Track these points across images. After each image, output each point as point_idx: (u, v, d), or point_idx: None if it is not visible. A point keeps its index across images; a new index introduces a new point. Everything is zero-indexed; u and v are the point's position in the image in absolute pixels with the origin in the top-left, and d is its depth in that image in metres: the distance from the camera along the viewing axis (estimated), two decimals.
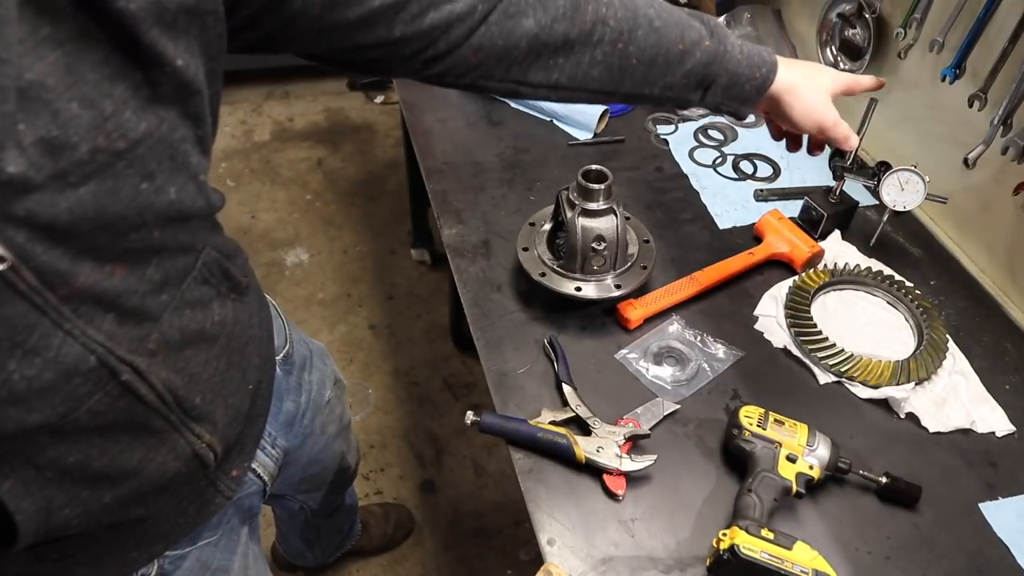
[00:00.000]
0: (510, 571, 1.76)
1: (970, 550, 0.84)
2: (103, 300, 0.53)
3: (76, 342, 0.52)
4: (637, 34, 0.75)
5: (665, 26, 0.76)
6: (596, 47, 0.74)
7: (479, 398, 2.04)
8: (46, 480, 0.56)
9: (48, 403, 0.52)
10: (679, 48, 0.76)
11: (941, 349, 1.01)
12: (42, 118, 0.45)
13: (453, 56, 0.71)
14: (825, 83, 0.87)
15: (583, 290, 1.01)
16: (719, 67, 0.79)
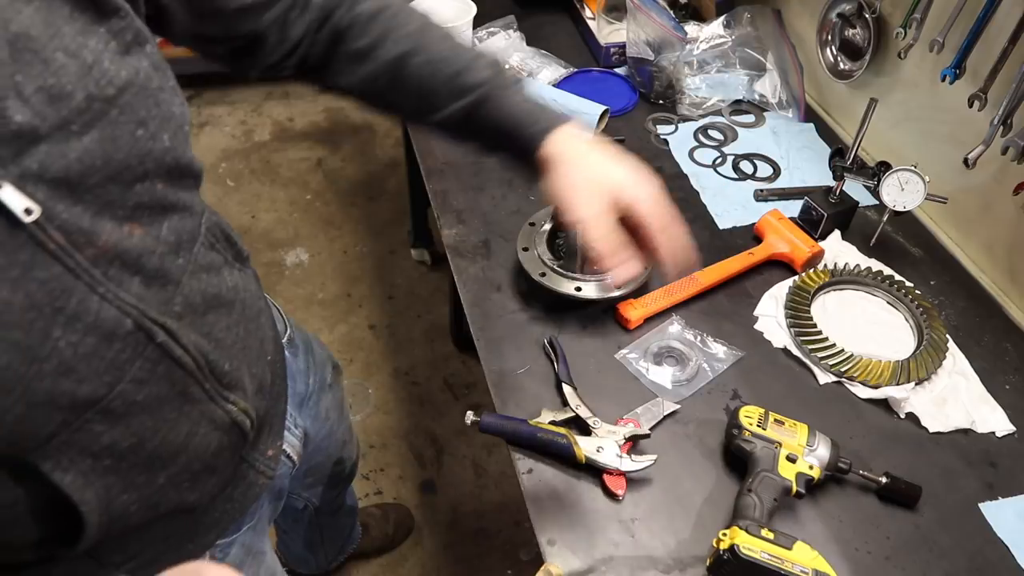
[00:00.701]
0: (510, 571, 1.76)
1: (970, 550, 0.84)
2: (127, 261, 0.55)
3: (111, 306, 0.53)
4: (415, 60, 0.75)
5: (445, 59, 0.75)
6: (381, 57, 0.75)
7: (479, 398, 2.04)
8: (104, 468, 0.58)
9: (94, 371, 0.53)
10: (453, 83, 0.75)
11: (941, 349, 1.01)
12: (35, 68, 0.47)
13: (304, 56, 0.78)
14: (608, 176, 0.73)
15: (583, 290, 1.01)
16: (487, 112, 0.75)
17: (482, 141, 0.79)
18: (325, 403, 1.11)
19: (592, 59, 1.59)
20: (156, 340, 0.57)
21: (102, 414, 0.55)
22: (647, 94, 1.48)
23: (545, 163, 0.75)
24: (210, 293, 0.64)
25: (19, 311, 0.48)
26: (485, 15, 1.55)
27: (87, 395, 0.54)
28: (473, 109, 0.75)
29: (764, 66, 1.48)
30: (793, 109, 1.45)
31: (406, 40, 0.75)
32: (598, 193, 0.72)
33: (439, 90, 0.75)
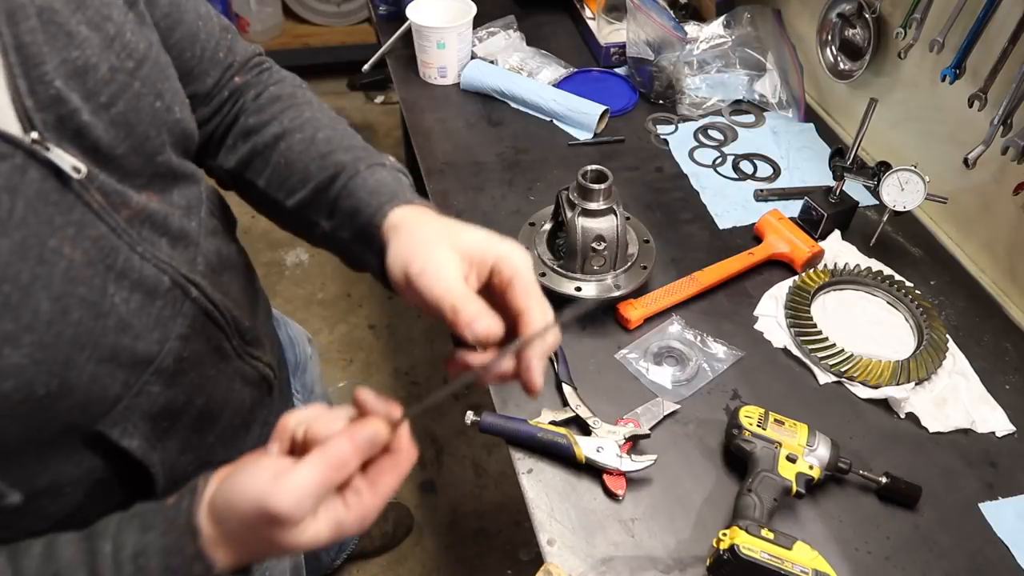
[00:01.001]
0: (510, 571, 1.76)
1: (970, 550, 0.84)
2: (156, 223, 0.58)
3: (150, 264, 0.57)
4: (295, 136, 0.69)
5: (324, 139, 0.68)
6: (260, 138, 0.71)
7: (479, 398, 2.04)
8: (163, 431, 0.61)
9: (146, 328, 0.56)
10: (321, 160, 0.67)
11: (941, 349, 1.01)
12: (61, 40, 0.50)
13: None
14: (462, 237, 0.56)
15: (583, 290, 1.01)
16: (343, 185, 0.64)
17: (328, 225, 0.66)
18: (309, 375, 1.14)
19: (592, 59, 1.59)
20: (191, 296, 0.61)
21: (157, 374, 0.58)
22: (647, 94, 1.48)
23: (389, 231, 0.60)
24: (223, 254, 0.68)
25: (81, 267, 0.51)
26: (485, 15, 1.55)
27: (144, 352, 0.57)
28: (328, 184, 0.65)
29: (764, 66, 1.48)
30: (793, 109, 1.45)
31: (293, 120, 0.71)
32: (450, 246, 0.55)
33: (302, 167, 0.67)
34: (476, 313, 0.52)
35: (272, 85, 0.75)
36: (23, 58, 0.48)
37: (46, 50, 0.49)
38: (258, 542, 0.48)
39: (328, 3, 2.95)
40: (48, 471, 0.57)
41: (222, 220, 0.71)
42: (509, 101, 1.45)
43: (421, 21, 1.42)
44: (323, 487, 0.46)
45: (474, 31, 1.52)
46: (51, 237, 0.49)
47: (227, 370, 0.68)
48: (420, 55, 1.47)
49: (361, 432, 0.48)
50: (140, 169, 0.56)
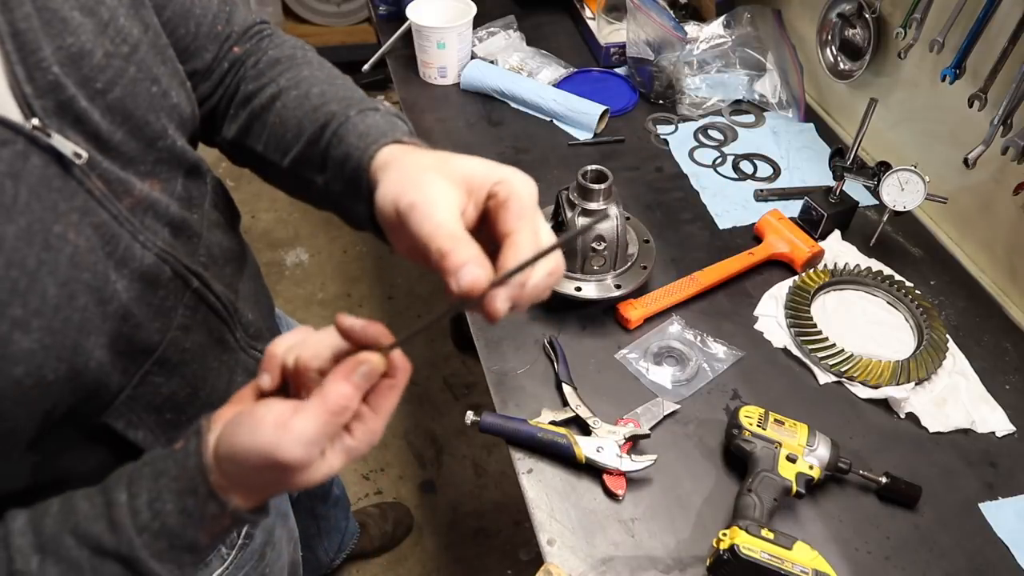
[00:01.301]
0: (510, 571, 1.76)
1: (970, 550, 0.84)
2: (158, 212, 0.58)
3: (151, 252, 0.56)
4: (289, 95, 0.66)
5: (319, 93, 0.65)
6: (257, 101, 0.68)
7: (479, 398, 2.04)
8: (165, 422, 0.61)
9: (147, 317, 0.57)
10: (315, 112, 0.63)
11: (941, 349, 1.01)
12: (55, 26, 0.50)
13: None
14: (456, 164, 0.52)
15: (583, 290, 1.01)
16: (333, 133, 0.60)
17: (321, 179, 0.62)
18: None
19: (592, 59, 1.59)
20: (192, 286, 0.61)
21: (159, 364, 0.59)
22: (647, 94, 1.48)
23: (378, 171, 0.56)
24: (226, 246, 0.68)
25: (84, 253, 0.51)
26: (485, 15, 1.55)
27: (144, 342, 0.57)
28: (318, 134, 0.62)
29: (764, 66, 1.48)
30: (793, 109, 1.45)
31: (291, 79, 0.68)
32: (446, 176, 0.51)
33: (296, 124, 0.64)
34: (466, 259, 0.45)
35: (272, 49, 0.72)
36: (19, 44, 0.48)
37: (42, 36, 0.49)
38: (272, 484, 0.50)
39: (328, 3, 2.95)
40: (58, 464, 0.57)
41: (225, 213, 0.71)
42: (509, 101, 1.45)
43: (421, 21, 1.42)
44: (328, 432, 0.47)
45: (474, 31, 1.52)
46: (55, 223, 0.49)
47: (230, 362, 0.68)
48: (420, 55, 1.47)
49: (358, 371, 0.48)
50: (141, 156, 0.56)
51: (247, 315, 0.69)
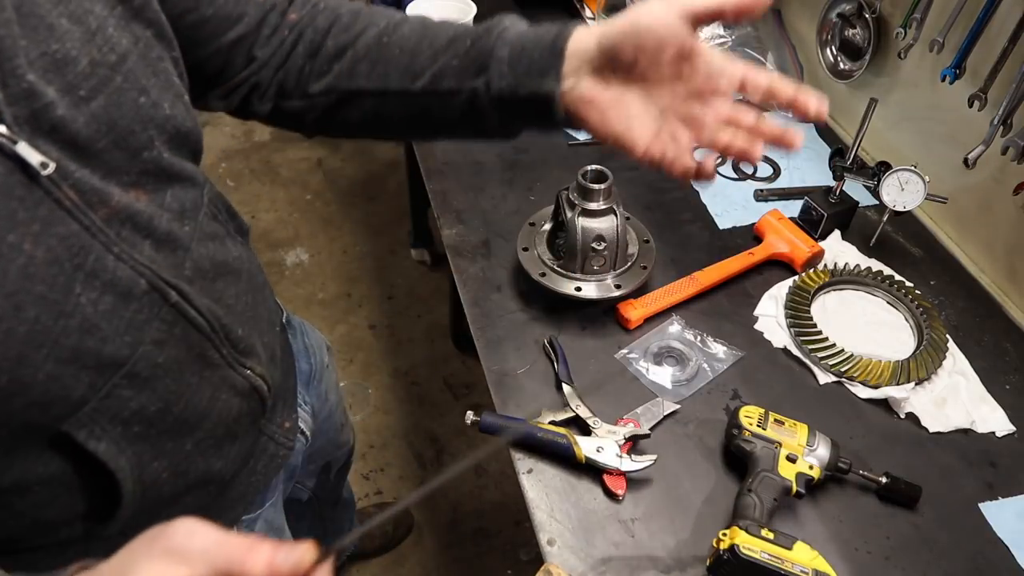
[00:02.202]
0: (510, 571, 1.76)
1: (970, 550, 0.84)
2: (138, 224, 0.57)
3: (126, 265, 0.55)
4: (402, 29, 0.70)
5: (435, 25, 0.70)
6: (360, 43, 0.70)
7: (479, 398, 2.04)
8: (135, 435, 0.60)
9: (116, 331, 0.55)
10: (447, 36, 0.68)
11: (941, 349, 1.01)
12: (41, 33, 0.49)
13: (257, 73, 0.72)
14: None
15: (583, 290, 1.01)
16: (493, 40, 0.66)
17: (481, 82, 0.66)
18: (325, 384, 1.12)
19: None
20: (170, 301, 0.59)
21: (128, 378, 0.57)
22: None
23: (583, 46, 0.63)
24: (218, 260, 0.66)
25: (42, 265, 0.50)
26: (485, 15, 1.54)
27: (112, 356, 0.55)
28: (471, 46, 0.66)
29: (764, 66, 1.48)
30: None
31: (388, 20, 0.71)
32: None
33: (427, 47, 0.68)
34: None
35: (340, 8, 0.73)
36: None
37: (22, 43, 0.48)
38: None
39: None
40: (13, 469, 0.56)
41: (225, 225, 0.70)
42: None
43: None
44: None
45: None
46: (10, 232, 0.48)
47: (212, 378, 0.66)
48: None
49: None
50: (125, 166, 0.55)
51: (237, 331, 0.67)
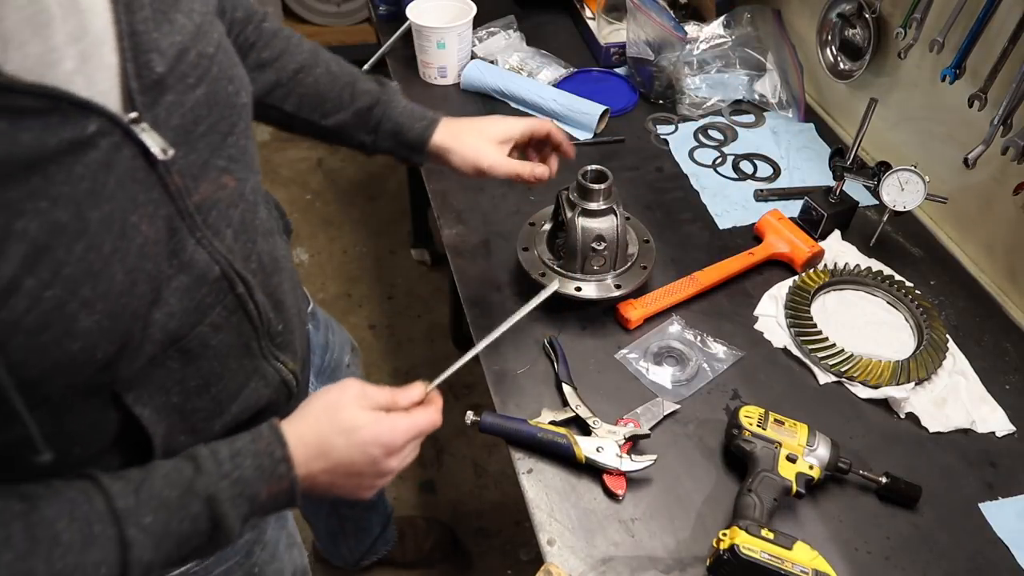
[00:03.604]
0: (510, 571, 1.76)
1: (970, 550, 0.84)
2: (223, 212, 0.61)
3: (204, 251, 0.60)
4: (315, 71, 0.88)
5: (342, 72, 0.90)
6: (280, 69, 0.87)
7: (479, 398, 2.04)
8: (172, 407, 0.64)
9: (184, 309, 0.59)
10: (350, 90, 0.89)
11: (941, 349, 1.01)
12: (164, 28, 0.55)
13: None
14: (491, 131, 0.93)
15: (583, 290, 1.01)
16: (383, 112, 0.90)
17: (367, 139, 0.92)
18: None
19: (592, 59, 1.59)
20: (236, 291, 0.64)
21: (180, 352, 0.61)
22: (647, 94, 1.48)
23: (437, 151, 0.92)
24: (274, 256, 0.71)
25: (151, 245, 0.55)
26: (485, 15, 1.55)
27: (174, 330, 0.59)
28: (364, 111, 0.89)
29: (764, 66, 1.48)
30: (793, 109, 1.45)
31: (305, 55, 0.89)
32: (490, 141, 0.93)
33: (334, 97, 0.89)
34: (530, 170, 0.93)
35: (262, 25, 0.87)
36: (134, 44, 0.52)
37: (155, 36, 0.54)
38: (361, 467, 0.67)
39: (328, 3, 2.95)
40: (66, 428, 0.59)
41: (277, 221, 0.75)
42: (509, 101, 1.45)
43: (421, 21, 1.42)
44: (412, 438, 0.70)
45: (474, 31, 1.52)
46: (133, 213, 0.53)
47: (248, 368, 0.70)
48: (420, 55, 1.47)
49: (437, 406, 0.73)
50: (218, 151, 0.60)
51: (278, 326, 0.71)
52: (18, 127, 0.45)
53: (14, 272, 0.46)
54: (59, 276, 0.48)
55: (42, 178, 0.47)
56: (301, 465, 0.64)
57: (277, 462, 0.63)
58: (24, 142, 0.46)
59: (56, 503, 0.55)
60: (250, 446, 0.63)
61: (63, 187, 0.48)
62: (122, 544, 0.55)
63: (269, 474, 0.62)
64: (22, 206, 0.46)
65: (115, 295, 0.52)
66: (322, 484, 0.67)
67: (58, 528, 0.53)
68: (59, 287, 0.49)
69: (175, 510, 0.58)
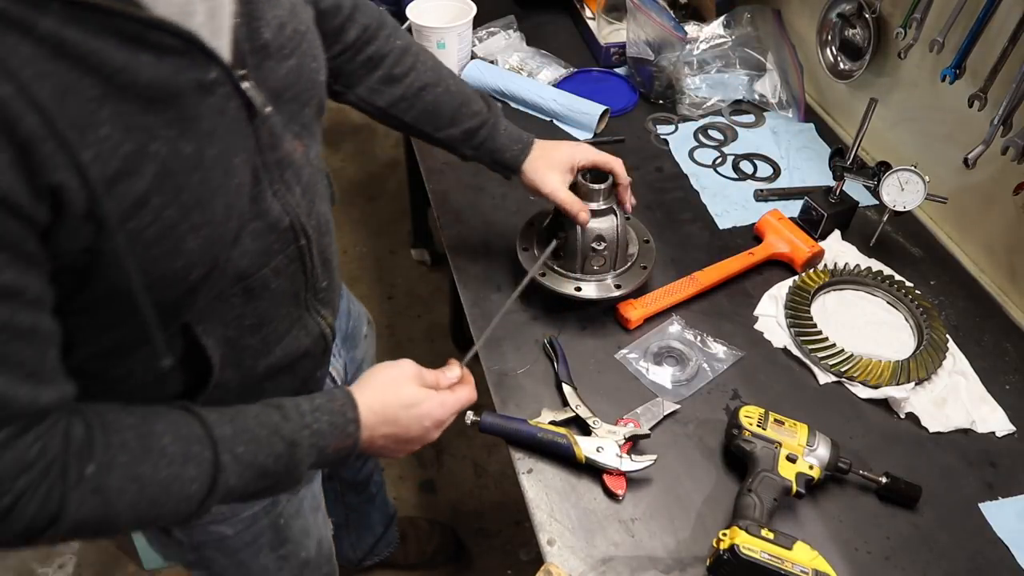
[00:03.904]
0: (510, 571, 1.76)
1: (970, 550, 0.84)
2: (296, 171, 0.69)
3: (279, 202, 0.68)
4: (436, 90, 0.96)
5: (458, 92, 0.98)
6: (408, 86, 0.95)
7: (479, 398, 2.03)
8: (227, 340, 0.71)
9: (255, 251, 0.67)
10: (463, 111, 0.98)
11: (941, 349, 1.01)
12: (271, 2, 0.64)
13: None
14: (559, 158, 0.99)
15: (583, 290, 1.01)
16: (487, 134, 0.99)
17: (469, 152, 1.01)
18: (362, 351, 1.20)
19: (592, 59, 1.59)
20: (299, 242, 0.72)
21: (244, 290, 0.69)
22: (647, 94, 1.48)
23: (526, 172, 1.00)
24: (327, 219, 0.79)
25: (244, 187, 0.63)
26: (485, 15, 1.55)
27: (244, 268, 0.67)
28: (473, 131, 0.99)
29: (764, 66, 1.48)
30: (793, 109, 1.45)
31: (429, 73, 0.96)
32: (555, 168, 0.98)
33: (449, 115, 0.97)
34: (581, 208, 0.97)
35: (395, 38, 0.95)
36: (248, 11, 0.61)
37: (263, 7, 0.62)
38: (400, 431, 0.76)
39: None
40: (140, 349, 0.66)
41: (327, 190, 0.81)
42: (509, 101, 1.45)
43: (421, 21, 1.42)
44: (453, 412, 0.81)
45: (474, 31, 1.52)
46: (235, 156, 0.61)
47: (294, 315, 0.77)
48: None
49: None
50: (296, 118, 0.68)
51: (323, 283, 0.79)
52: (161, 61, 0.53)
53: (146, 188, 0.54)
54: (177, 199, 0.56)
55: (175, 111, 0.55)
56: (366, 428, 0.73)
57: (348, 422, 0.72)
58: (164, 75, 0.53)
59: (162, 421, 0.63)
60: (327, 404, 0.71)
61: (189, 122, 0.56)
62: (216, 466, 0.63)
63: (340, 431, 0.71)
64: (157, 132, 0.54)
65: (214, 224, 0.60)
66: (377, 447, 0.76)
67: (164, 442, 0.61)
68: (175, 208, 0.56)
69: (263, 447, 0.66)
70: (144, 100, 0.52)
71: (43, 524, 0.56)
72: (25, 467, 0.54)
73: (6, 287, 0.50)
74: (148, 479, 0.60)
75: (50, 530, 0.56)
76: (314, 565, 1.06)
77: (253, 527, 0.92)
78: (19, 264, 0.50)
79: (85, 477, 0.57)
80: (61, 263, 0.53)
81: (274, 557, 0.97)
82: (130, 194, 0.53)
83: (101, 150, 0.51)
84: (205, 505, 0.64)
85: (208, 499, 0.63)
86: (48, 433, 0.56)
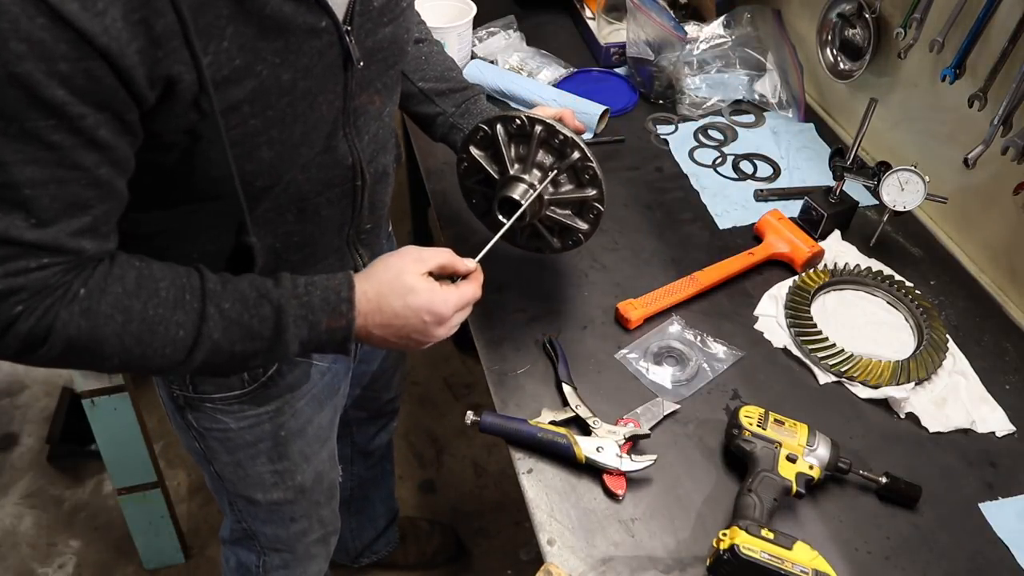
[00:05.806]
0: (510, 571, 1.76)
1: (970, 550, 0.84)
2: (368, 120, 0.79)
3: (346, 144, 0.77)
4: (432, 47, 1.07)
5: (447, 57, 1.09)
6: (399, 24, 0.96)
7: (479, 398, 2.04)
8: (274, 250, 0.80)
9: (317, 179, 0.77)
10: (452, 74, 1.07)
11: (941, 349, 1.01)
12: None
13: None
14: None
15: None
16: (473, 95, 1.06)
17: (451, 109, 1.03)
18: None
19: (592, 59, 1.59)
20: (355, 182, 0.81)
21: (298, 211, 0.78)
22: (647, 94, 1.48)
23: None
24: (387, 171, 0.88)
25: (323, 121, 0.72)
26: (485, 15, 1.55)
27: (304, 191, 0.77)
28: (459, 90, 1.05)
29: (764, 66, 1.48)
30: (793, 109, 1.45)
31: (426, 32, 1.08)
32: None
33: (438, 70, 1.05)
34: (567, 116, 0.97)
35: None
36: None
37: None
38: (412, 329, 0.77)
39: None
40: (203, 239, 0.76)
41: (395, 149, 0.90)
42: (509, 101, 1.45)
43: None
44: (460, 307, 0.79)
45: (474, 31, 1.52)
46: (321, 94, 0.70)
47: (332, 245, 0.85)
48: None
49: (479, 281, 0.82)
50: (381, 76, 0.78)
51: (367, 225, 0.87)
52: (286, 2, 0.62)
53: (242, 97, 0.63)
54: (263, 114, 0.65)
55: (284, 43, 0.64)
56: (360, 315, 0.75)
57: (341, 300, 0.74)
58: (286, 13, 0.63)
59: (164, 269, 0.69)
60: (323, 281, 0.75)
61: (292, 55, 0.65)
62: (201, 316, 0.68)
63: (332, 308, 0.73)
64: (264, 56, 0.63)
65: (289, 144, 0.69)
66: (376, 337, 0.77)
67: (160, 285, 0.68)
68: (259, 120, 0.66)
69: (250, 306, 0.70)
70: (262, 28, 0.62)
71: (39, 339, 0.62)
72: (44, 289, 0.61)
73: (101, 140, 0.57)
74: (136, 314, 0.66)
75: (43, 347, 0.63)
76: (311, 497, 1.07)
77: (255, 428, 0.95)
78: (116, 125, 0.58)
79: (78, 297, 0.63)
80: (171, 139, 0.63)
81: (270, 470, 1.00)
82: (229, 98, 0.62)
83: (218, 59, 0.60)
84: (193, 356, 0.69)
85: (195, 350, 0.68)
86: (74, 269, 0.63)
